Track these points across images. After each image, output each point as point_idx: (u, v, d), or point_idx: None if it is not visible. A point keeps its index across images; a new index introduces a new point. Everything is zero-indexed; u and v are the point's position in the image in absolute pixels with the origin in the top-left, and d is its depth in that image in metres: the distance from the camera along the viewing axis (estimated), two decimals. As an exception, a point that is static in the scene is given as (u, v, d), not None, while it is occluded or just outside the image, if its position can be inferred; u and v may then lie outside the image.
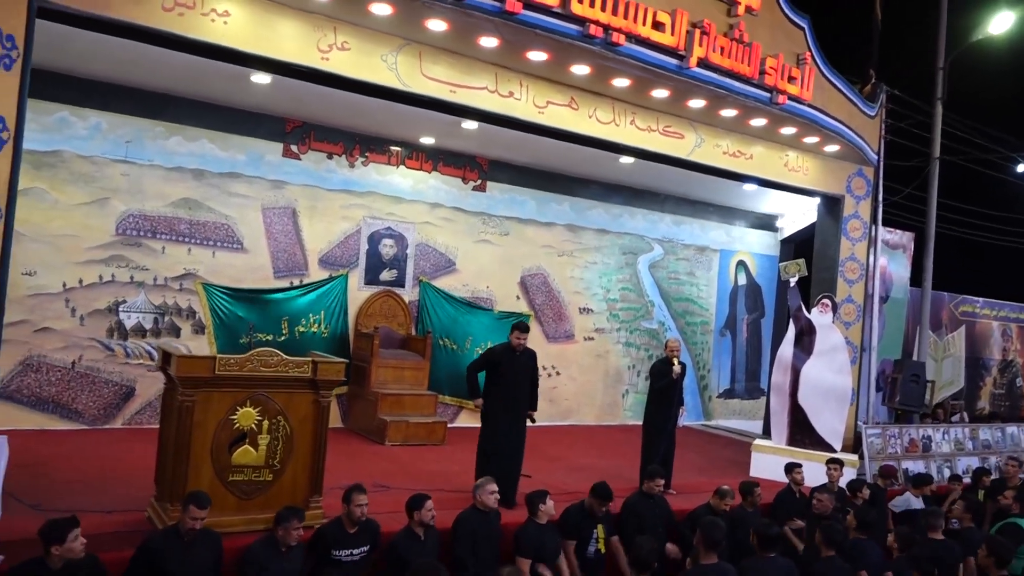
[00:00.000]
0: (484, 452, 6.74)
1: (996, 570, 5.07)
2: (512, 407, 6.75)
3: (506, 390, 6.74)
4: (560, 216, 11.31)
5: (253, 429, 5.19)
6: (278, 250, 9.11)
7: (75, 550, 3.90)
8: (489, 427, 6.75)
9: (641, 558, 4.42)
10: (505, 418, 6.70)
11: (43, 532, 3.88)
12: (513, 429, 6.75)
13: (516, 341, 6.71)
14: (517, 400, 6.78)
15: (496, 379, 6.76)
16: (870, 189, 10.04)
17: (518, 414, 6.80)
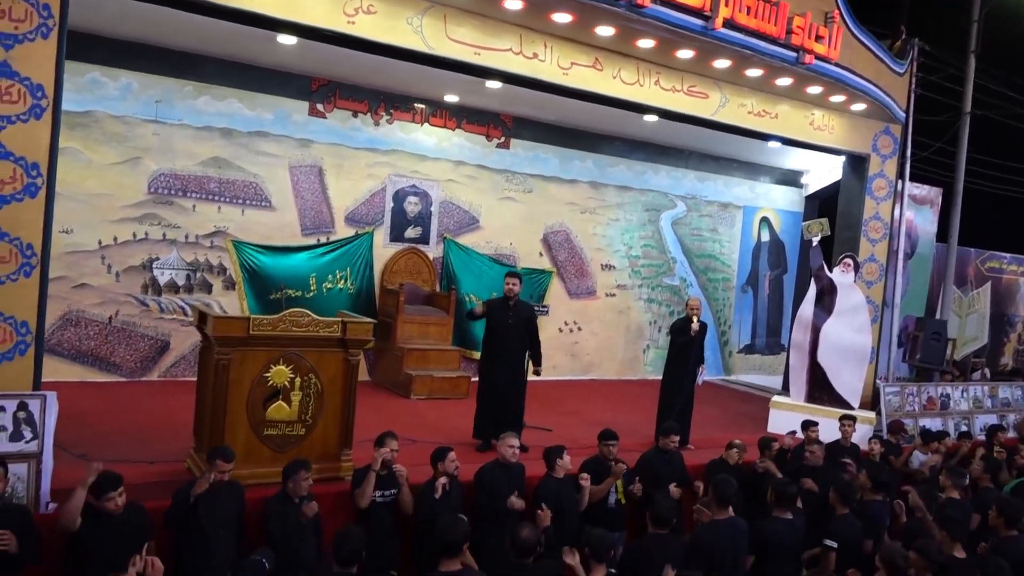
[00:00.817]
0: (481, 403, 7.01)
1: (1005, 530, 5.21)
2: (504, 358, 6.95)
3: (498, 342, 6.96)
4: (583, 173, 11.34)
5: (286, 386, 5.41)
6: (305, 208, 9.28)
7: (108, 508, 4.13)
8: (484, 379, 7.06)
9: (661, 515, 4.63)
10: (498, 369, 6.91)
11: (91, 489, 4.13)
12: (506, 380, 6.95)
13: (507, 288, 6.92)
14: (510, 351, 6.98)
15: (490, 330, 7.01)
16: (897, 147, 9.94)
17: (511, 365, 6.99)
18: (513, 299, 7.03)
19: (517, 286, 7.06)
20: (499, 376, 6.98)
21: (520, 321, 7.05)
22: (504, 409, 6.95)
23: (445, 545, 3.89)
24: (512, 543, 4.34)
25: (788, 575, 5.18)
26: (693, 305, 7.91)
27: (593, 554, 4.32)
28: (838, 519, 5.46)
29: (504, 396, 6.99)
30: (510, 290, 7.00)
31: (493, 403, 6.96)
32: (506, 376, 6.99)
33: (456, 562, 3.90)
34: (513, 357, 7.03)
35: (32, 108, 4.94)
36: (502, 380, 6.97)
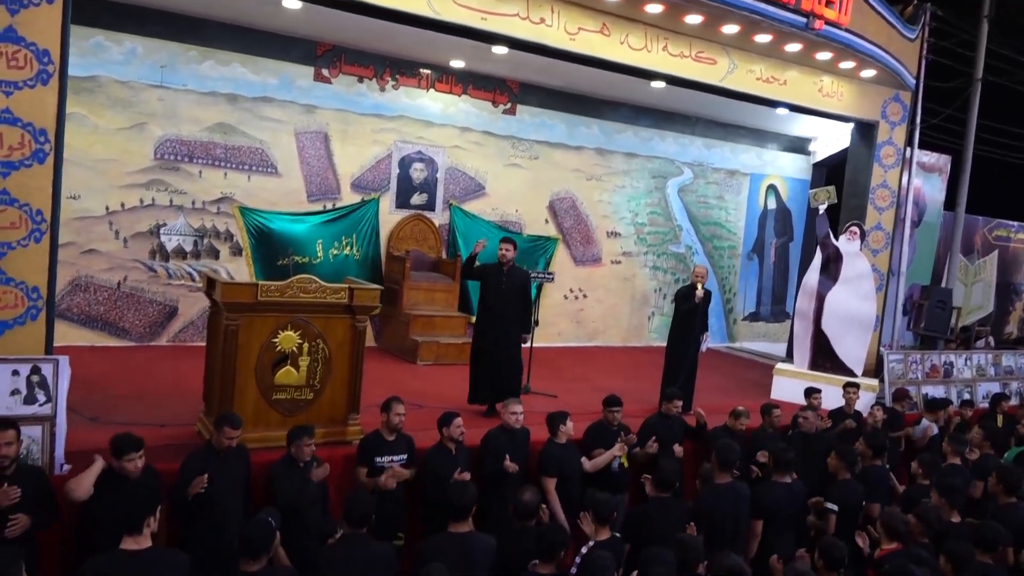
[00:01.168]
0: (475, 368, 7.01)
1: (1005, 496, 5.28)
2: (497, 324, 6.92)
3: (492, 308, 6.93)
4: (590, 140, 11.30)
5: (294, 351, 5.47)
6: (311, 174, 9.28)
7: (127, 469, 4.21)
8: (477, 343, 7.04)
9: (665, 479, 4.70)
10: (491, 334, 6.92)
11: (111, 443, 4.21)
12: (499, 345, 6.92)
13: (500, 253, 6.89)
14: (504, 317, 6.93)
15: (483, 296, 7.01)
16: (906, 114, 9.86)
17: (504, 330, 6.94)
18: (507, 264, 6.96)
19: (511, 252, 6.98)
20: (492, 342, 6.94)
21: (514, 287, 7.00)
22: (498, 375, 6.95)
23: (455, 509, 3.97)
24: (514, 507, 4.42)
25: (788, 539, 5.26)
26: (699, 272, 7.94)
27: (596, 517, 4.41)
28: (839, 484, 5.53)
29: (498, 363, 6.95)
30: (503, 255, 6.94)
31: (488, 369, 6.95)
32: (499, 342, 6.95)
33: (465, 524, 3.99)
34: (507, 323, 6.97)
35: (39, 74, 4.94)
36: (495, 346, 6.93)
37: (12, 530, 3.85)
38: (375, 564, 3.81)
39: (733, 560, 3.71)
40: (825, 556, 4.18)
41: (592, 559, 3.67)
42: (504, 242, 7.01)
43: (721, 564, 3.65)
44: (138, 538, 3.41)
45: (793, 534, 5.30)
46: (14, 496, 3.90)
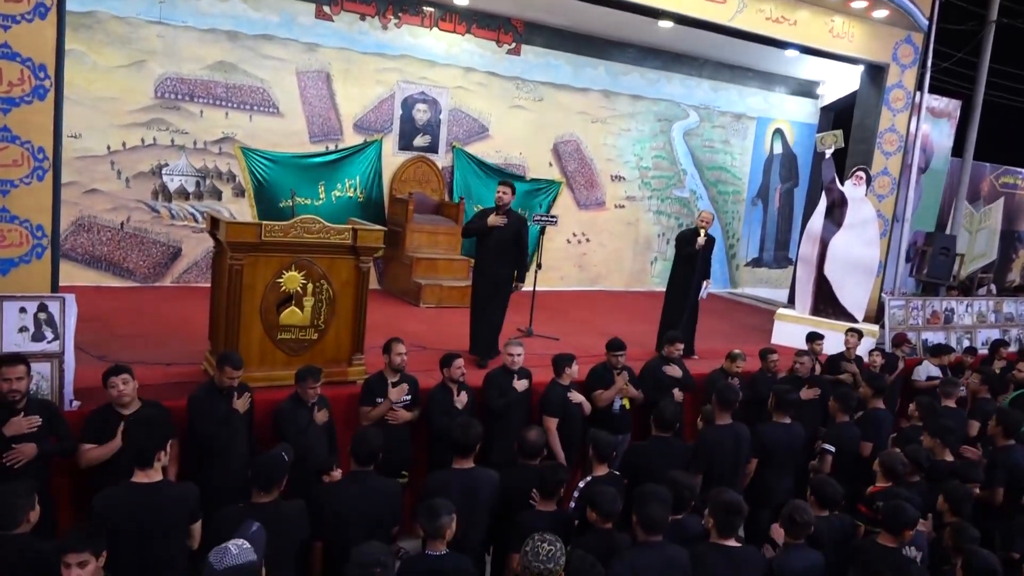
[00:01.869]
0: (475, 313, 6.97)
1: (1003, 439, 5.37)
2: (491, 270, 6.82)
3: (487, 252, 6.82)
4: (595, 81, 11.13)
5: (298, 292, 5.50)
6: (313, 115, 9.19)
7: (124, 392, 4.30)
8: (475, 289, 6.99)
9: (665, 419, 4.77)
10: (486, 280, 6.85)
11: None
12: (492, 291, 6.85)
13: (498, 196, 6.73)
14: (499, 263, 6.82)
15: (481, 240, 6.88)
16: (917, 57, 9.68)
17: (499, 277, 6.85)
18: (504, 208, 6.78)
19: (508, 195, 6.77)
20: (488, 289, 6.86)
21: (511, 232, 6.82)
22: (492, 322, 6.91)
23: (459, 446, 4.04)
24: (519, 445, 4.51)
25: (786, 481, 5.36)
26: (705, 219, 7.82)
27: (596, 454, 4.49)
28: (837, 425, 5.61)
29: (494, 308, 6.91)
30: (500, 199, 6.74)
31: (483, 316, 6.89)
32: (494, 289, 6.87)
33: (469, 461, 4.07)
34: (502, 269, 6.86)
35: (36, 7, 4.85)
36: (490, 292, 6.86)
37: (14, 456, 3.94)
38: (381, 500, 3.90)
39: (731, 496, 3.77)
40: (817, 494, 4.28)
41: (595, 492, 3.74)
42: (502, 185, 6.81)
43: (718, 499, 3.72)
44: (149, 472, 3.48)
45: (791, 476, 5.40)
46: (35, 423, 4.02)
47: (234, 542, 2.74)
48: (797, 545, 3.78)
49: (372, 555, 2.85)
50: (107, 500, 3.41)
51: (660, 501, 3.50)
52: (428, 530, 3.38)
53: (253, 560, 2.72)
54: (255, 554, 2.75)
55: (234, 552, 2.69)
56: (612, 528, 3.67)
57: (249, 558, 2.71)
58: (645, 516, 3.45)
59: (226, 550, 2.70)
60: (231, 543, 2.74)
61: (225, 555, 2.68)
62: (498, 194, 6.77)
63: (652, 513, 3.44)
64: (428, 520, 3.37)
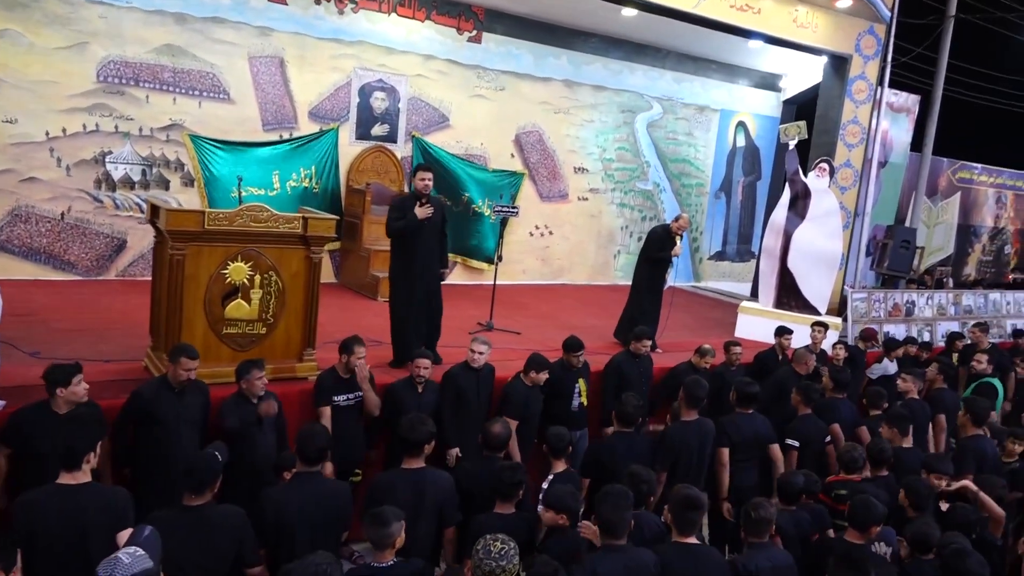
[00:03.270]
0: (399, 318, 6.19)
1: (973, 427, 5.32)
2: (419, 263, 6.17)
3: (412, 244, 6.12)
4: (557, 71, 10.94)
5: (245, 283, 5.22)
6: (266, 102, 8.86)
7: (79, 393, 4.04)
8: (401, 289, 6.19)
9: (627, 414, 4.60)
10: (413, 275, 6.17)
11: (48, 375, 3.99)
12: (426, 289, 6.23)
13: (421, 183, 6.06)
14: (426, 253, 6.19)
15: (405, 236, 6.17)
16: (880, 48, 9.68)
17: (427, 270, 6.24)
18: (426, 196, 6.12)
19: (431, 180, 6.16)
20: (417, 285, 6.18)
21: (437, 221, 6.22)
22: (429, 322, 6.30)
23: (407, 445, 3.83)
24: (484, 438, 4.32)
25: (749, 472, 5.24)
26: (682, 224, 7.58)
27: (552, 450, 4.33)
28: (800, 419, 5.51)
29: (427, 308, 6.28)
30: (425, 185, 6.08)
31: (413, 314, 6.20)
32: (425, 284, 6.23)
33: (418, 460, 3.84)
34: (429, 259, 6.25)
35: (-45, -23, 4.51)
36: (421, 288, 6.21)
37: None
38: (330, 503, 3.65)
39: (689, 491, 3.60)
40: (779, 490, 4.18)
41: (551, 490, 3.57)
42: (423, 170, 6.15)
43: (677, 495, 3.56)
44: (76, 474, 3.26)
45: (755, 467, 5.28)
46: None
47: (125, 550, 2.49)
48: (762, 544, 3.63)
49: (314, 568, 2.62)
50: (28, 502, 3.18)
51: (621, 502, 3.32)
52: (375, 540, 3.15)
53: (149, 567, 2.47)
54: (151, 561, 2.49)
55: (126, 562, 2.44)
56: (572, 528, 3.49)
57: (144, 566, 2.45)
58: (606, 519, 3.27)
59: (117, 560, 2.44)
60: (122, 552, 2.48)
61: (116, 567, 2.42)
62: (423, 181, 6.08)
63: (613, 516, 3.25)
64: (375, 529, 3.14)
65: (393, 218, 6.10)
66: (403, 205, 6.13)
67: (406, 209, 6.06)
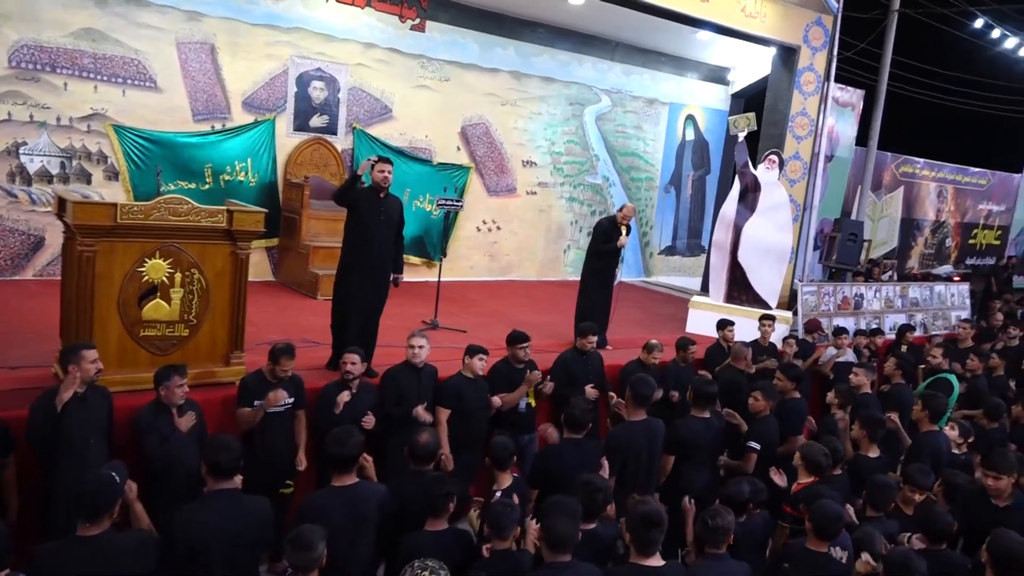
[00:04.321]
0: (339, 314, 5.72)
1: (929, 424, 5.19)
2: (372, 262, 5.68)
3: (366, 240, 5.61)
4: (504, 62, 10.66)
5: (164, 282, 4.84)
6: (196, 90, 8.39)
7: None
8: (344, 284, 5.69)
9: (575, 418, 4.34)
10: (365, 276, 5.65)
11: None
12: (371, 287, 5.71)
13: (380, 175, 5.53)
14: (380, 254, 5.73)
15: (354, 224, 5.66)
16: (827, 40, 9.62)
17: (378, 271, 5.76)
18: (385, 191, 5.65)
19: (390, 174, 5.68)
20: (366, 284, 5.68)
21: (391, 219, 5.74)
22: (369, 325, 5.79)
23: (336, 461, 3.49)
24: (410, 450, 4.00)
25: (704, 475, 5.03)
26: (627, 214, 7.32)
27: (495, 462, 4.06)
28: (760, 420, 5.33)
29: (369, 310, 5.78)
30: (385, 179, 5.58)
31: (357, 317, 5.70)
32: (374, 285, 5.75)
33: (349, 476, 3.51)
34: (384, 262, 5.79)
35: None
36: (370, 289, 5.73)
37: None
38: (248, 522, 3.30)
39: (649, 507, 3.35)
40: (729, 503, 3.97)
41: (489, 506, 3.28)
42: (383, 162, 5.62)
43: (635, 511, 3.30)
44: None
45: (710, 471, 5.08)
46: None
47: None
48: (718, 555, 3.41)
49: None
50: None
51: (567, 515, 3.05)
52: (299, 564, 2.82)
53: None
54: None
55: None
56: (511, 548, 3.21)
57: None
58: (550, 533, 3.00)
59: None
60: None
61: None
62: (383, 173, 5.60)
63: (559, 531, 2.98)
64: (299, 554, 2.81)
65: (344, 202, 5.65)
66: (359, 192, 5.64)
67: (360, 198, 5.61)
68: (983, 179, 18.68)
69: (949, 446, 5.28)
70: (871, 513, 4.26)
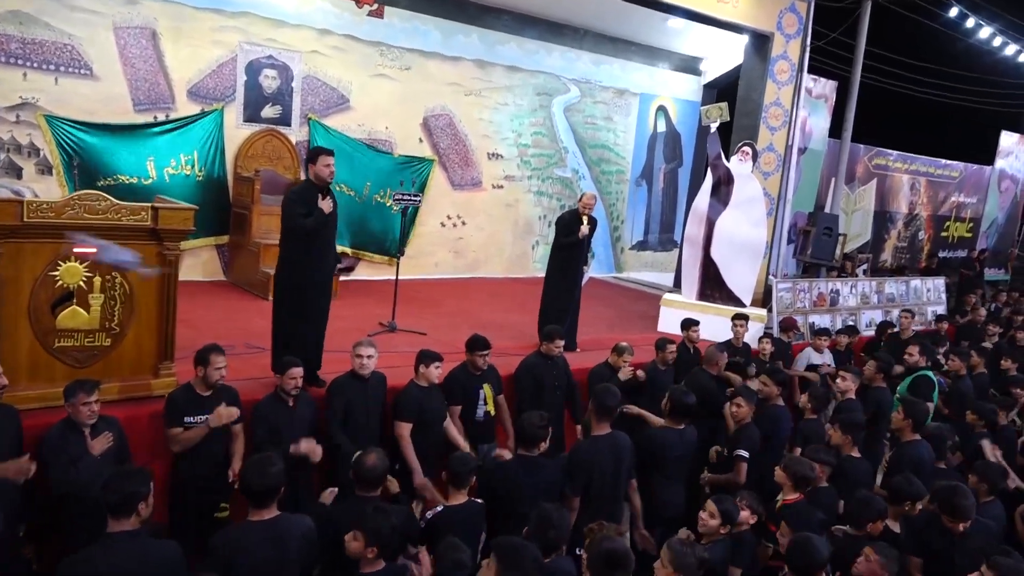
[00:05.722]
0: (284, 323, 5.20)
1: (911, 433, 4.86)
2: (325, 268, 5.27)
3: (318, 244, 5.16)
4: (468, 50, 10.22)
5: (82, 287, 4.39)
6: (136, 78, 7.87)
7: None
8: (294, 292, 5.16)
9: (526, 433, 3.94)
10: (318, 279, 5.21)
11: None
12: (324, 294, 5.32)
13: (327, 169, 5.08)
14: (329, 250, 5.33)
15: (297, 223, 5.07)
16: (801, 27, 9.31)
17: (329, 275, 5.36)
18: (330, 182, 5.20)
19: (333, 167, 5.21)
20: (319, 291, 5.25)
21: (335, 215, 5.27)
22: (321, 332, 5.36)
23: (253, 495, 3.06)
24: (355, 473, 3.60)
25: (676, 490, 4.69)
26: (587, 203, 6.93)
27: (452, 478, 3.67)
28: (743, 427, 4.98)
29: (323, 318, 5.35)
30: (331, 173, 5.12)
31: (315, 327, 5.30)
32: (325, 292, 5.33)
33: (268, 511, 3.08)
34: (329, 257, 5.37)
35: None
36: (323, 296, 5.31)
37: None
38: (152, 570, 2.84)
39: (613, 545, 2.96)
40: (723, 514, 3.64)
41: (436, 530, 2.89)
42: (327, 154, 5.16)
43: (598, 549, 2.92)
44: None
45: (682, 484, 4.73)
46: None
47: None
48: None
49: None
50: None
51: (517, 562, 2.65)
52: None
53: None
54: None
55: None
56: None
57: None
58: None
59: None
60: None
61: None
62: (329, 168, 5.11)
63: None
64: None
65: (300, 214, 4.98)
66: (306, 197, 5.06)
67: (311, 202, 5.03)
68: (955, 171, 18.58)
69: (932, 456, 4.98)
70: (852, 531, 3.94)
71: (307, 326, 5.25)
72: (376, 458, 3.64)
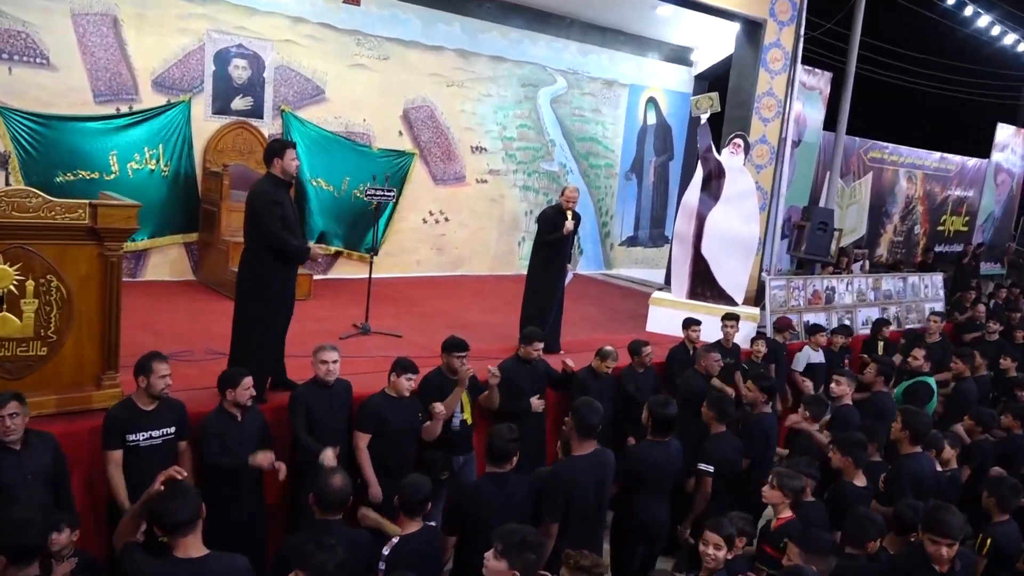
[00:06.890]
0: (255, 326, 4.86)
1: (910, 445, 4.52)
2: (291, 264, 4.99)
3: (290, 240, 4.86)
4: (450, 39, 9.84)
5: (12, 292, 4.03)
6: (97, 68, 7.48)
7: None
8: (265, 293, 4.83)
9: (496, 449, 3.60)
10: (282, 276, 4.89)
11: None
12: (292, 295, 5.06)
13: (293, 163, 4.84)
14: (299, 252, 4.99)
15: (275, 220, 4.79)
16: (795, 14, 8.96)
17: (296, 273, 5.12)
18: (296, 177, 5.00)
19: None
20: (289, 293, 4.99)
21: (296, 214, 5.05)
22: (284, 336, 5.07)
23: (170, 527, 2.69)
24: (317, 495, 3.27)
25: (661, 507, 4.35)
26: (570, 196, 6.61)
27: (403, 504, 3.33)
28: (713, 438, 4.64)
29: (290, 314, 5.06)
30: (297, 167, 4.94)
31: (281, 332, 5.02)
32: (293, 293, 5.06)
33: (194, 547, 2.71)
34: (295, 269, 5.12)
35: None
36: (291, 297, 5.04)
37: None
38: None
39: (591, 562, 2.77)
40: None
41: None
42: (291, 147, 4.89)
43: (577, 566, 2.74)
44: None
45: (667, 502, 4.39)
46: None
47: None
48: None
49: None
50: None
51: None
52: None
53: None
54: None
55: None
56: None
57: None
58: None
59: None
60: None
61: None
62: (295, 162, 4.87)
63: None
64: None
65: (275, 215, 4.70)
66: (276, 196, 4.77)
67: (282, 202, 4.76)
68: (951, 164, 18.29)
69: (933, 468, 4.65)
70: (850, 550, 3.61)
71: (276, 332, 4.98)
72: (341, 480, 3.32)
